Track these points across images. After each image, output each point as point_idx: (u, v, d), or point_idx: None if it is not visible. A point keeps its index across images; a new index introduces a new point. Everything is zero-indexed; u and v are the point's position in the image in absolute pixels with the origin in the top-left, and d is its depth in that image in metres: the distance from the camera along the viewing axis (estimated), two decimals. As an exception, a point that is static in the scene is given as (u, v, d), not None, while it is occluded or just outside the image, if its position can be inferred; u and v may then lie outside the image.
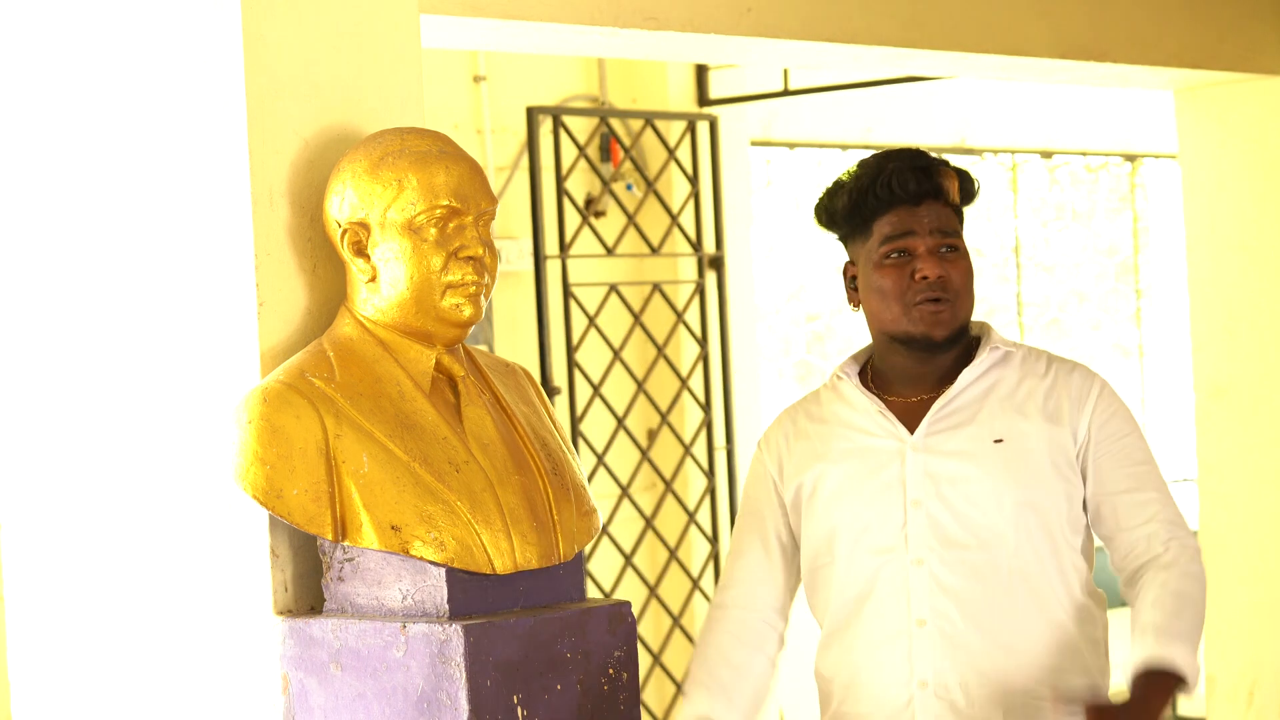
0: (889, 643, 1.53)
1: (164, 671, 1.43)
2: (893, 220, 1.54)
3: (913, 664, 1.52)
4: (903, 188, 1.54)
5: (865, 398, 1.58)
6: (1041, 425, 1.54)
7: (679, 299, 3.41)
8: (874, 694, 1.54)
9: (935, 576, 1.53)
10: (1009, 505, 1.53)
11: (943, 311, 1.52)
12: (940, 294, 1.52)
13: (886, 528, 1.54)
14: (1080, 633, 1.56)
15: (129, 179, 1.45)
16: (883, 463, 1.55)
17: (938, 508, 1.53)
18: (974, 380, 1.56)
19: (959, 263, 1.54)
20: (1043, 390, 1.56)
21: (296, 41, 1.39)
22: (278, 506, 1.31)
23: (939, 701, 1.52)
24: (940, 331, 1.53)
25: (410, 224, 1.35)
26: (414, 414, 1.34)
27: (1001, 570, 1.52)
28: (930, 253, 1.53)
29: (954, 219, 1.56)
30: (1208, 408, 3.23)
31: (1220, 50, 3.02)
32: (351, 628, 1.32)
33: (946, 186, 1.54)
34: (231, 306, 1.39)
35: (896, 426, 1.56)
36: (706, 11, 2.38)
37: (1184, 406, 3.61)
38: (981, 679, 1.52)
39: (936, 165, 1.57)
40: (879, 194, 1.54)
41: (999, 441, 1.53)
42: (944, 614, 1.52)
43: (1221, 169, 3.21)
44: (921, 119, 4.26)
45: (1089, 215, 4.84)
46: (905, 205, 1.54)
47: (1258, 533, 3.18)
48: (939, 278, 1.52)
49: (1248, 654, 3.18)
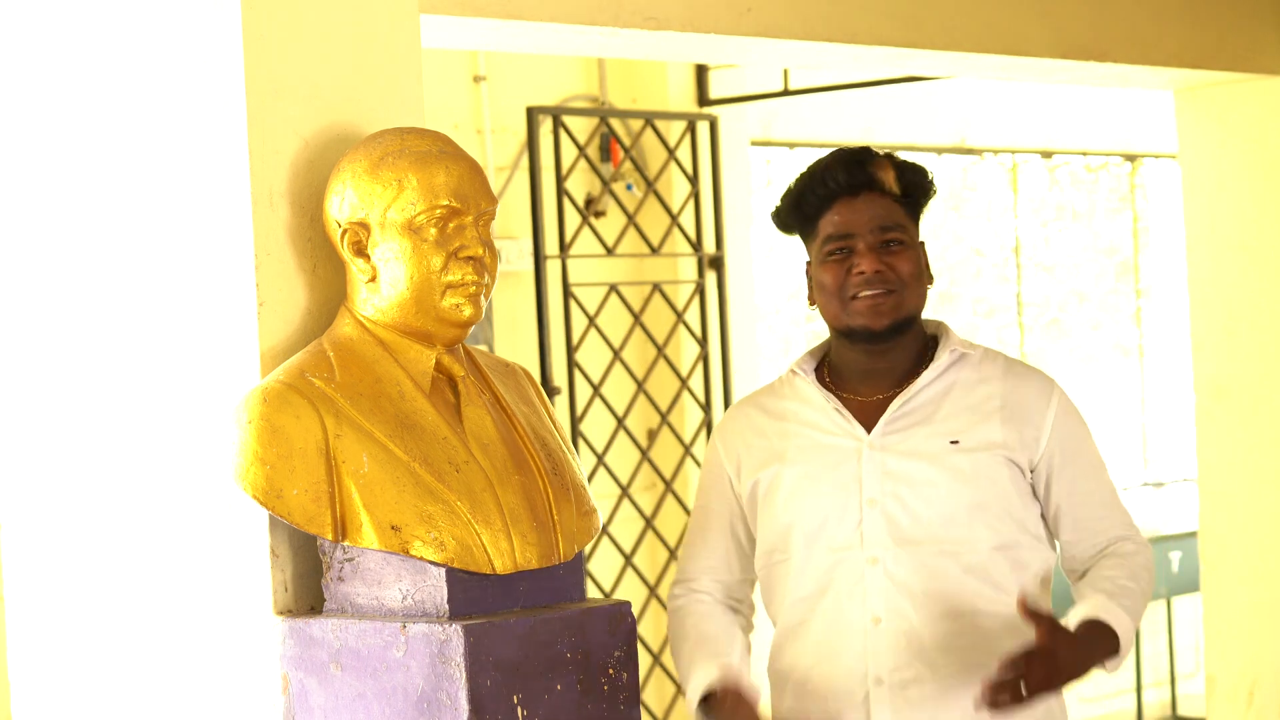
0: (845, 639, 1.54)
1: (164, 671, 1.43)
2: (834, 219, 1.55)
3: (868, 661, 1.52)
4: (835, 180, 1.54)
5: (822, 395, 1.58)
6: (998, 428, 1.55)
7: (679, 299, 3.41)
8: (829, 690, 1.54)
9: (890, 575, 1.54)
10: (963, 505, 1.54)
11: (881, 304, 1.52)
12: (879, 287, 1.52)
13: (842, 525, 1.55)
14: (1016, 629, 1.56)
15: (129, 179, 1.45)
16: (839, 461, 1.56)
17: (894, 506, 1.54)
18: (932, 381, 1.57)
19: (903, 254, 1.54)
20: (1000, 393, 1.57)
21: (296, 42, 1.39)
22: (278, 506, 1.31)
23: (894, 698, 1.52)
24: (879, 321, 1.53)
25: (410, 224, 1.35)
26: (414, 414, 1.34)
27: (956, 569, 1.53)
28: (869, 248, 1.53)
29: (897, 212, 1.55)
30: (1208, 408, 3.23)
31: (1220, 50, 3.02)
32: (351, 628, 1.31)
33: (881, 177, 1.54)
34: (231, 307, 1.38)
35: (853, 425, 1.57)
36: (706, 11, 2.38)
37: (1184, 406, 3.60)
38: (936, 676, 1.53)
39: (872, 157, 1.57)
40: (816, 190, 1.56)
41: (954, 442, 1.54)
42: (900, 612, 1.53)
43: (1221, 169, 3.21)
44: (921, 119, 4.27)
45: (1089, 215, 4.84)
46: (843, 199, 1.55)
47: (1258, 533, 3.18)
48: (876, 272, 1.52)
49: (1248, 654, 3.18)
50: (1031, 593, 1.54)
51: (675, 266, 3.52)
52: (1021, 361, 1.63)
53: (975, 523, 1.55)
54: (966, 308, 4.61)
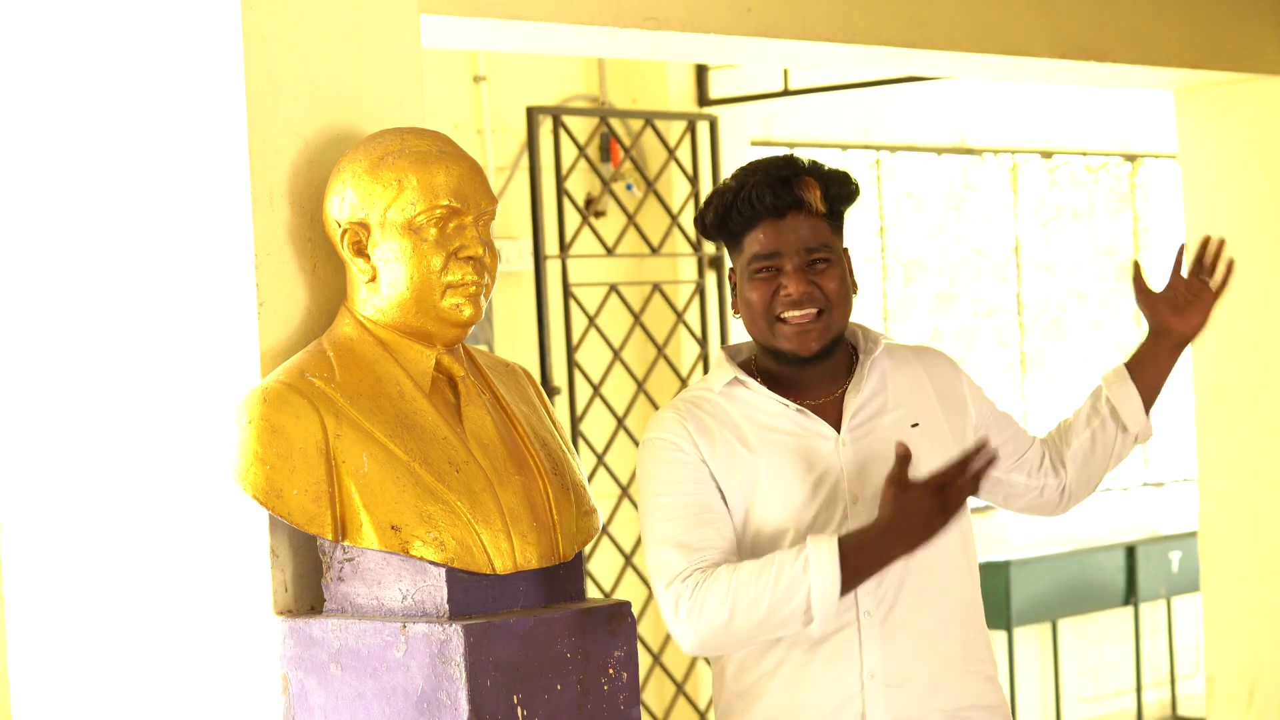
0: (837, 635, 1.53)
1: (164, 671, 1.43)
2: (759, 238, 1.54)
3: (862, 655, 1.53)
4: (761, 202, 1.53)
5: (776, 401, 1.57)
6: (939, 407, 1.59)
7: (679, 299, 3.41)
8: (820, 686, 1.54)
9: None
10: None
11: (810, 330, 1.53)
12: (807, 308, 1.53)
13: (829, 524, 1.54)
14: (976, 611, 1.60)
15: (129, 179, 1.45)
16: (815, 461, 1.55)
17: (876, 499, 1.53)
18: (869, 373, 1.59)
19: (829, 272, 1.54)
20: (922, 373, 1.61)
21: (296, 42, 1.39)
22: (278, 506, 1.31)
23: (887, 690, 1.53)
24: (809, 347, 1.54)
25: (410, 224, 1.35)
26: (414, 414, 1.34)
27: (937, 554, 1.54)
28: (797, 270, 1.52)
29: (823, 229, 1.55)
30: (1208, 408, 3.23)
31: (1220, 50, 3.02)
32: (351, 628, 1.31)
33: (807, 198, 1.54)
34: (232, 306, 1.38)
35: (821, 424, 1.56)
36: (706, 11, 2.38)
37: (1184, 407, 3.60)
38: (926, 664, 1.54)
39: (798, 175, 1.55)
40: (741, 210, 1.54)
41: (915, 426, 1.56)
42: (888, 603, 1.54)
43: (1222, 169, 3.21)
44: (921, 119, 4.27)
45: (1089, 215, 4.84)
46: (769, 219, 1.54)
47: (1258, 533, 3.18)
48: (805, 294, 1.52)
49: (1248, 654, 3.18)
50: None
51: (675, 266, 3.52)
52: (910, 343, 1.69)
53: None
54: (966, 308, 4.61)
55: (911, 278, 4.48)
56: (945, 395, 1.60)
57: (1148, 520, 4.65)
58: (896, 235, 4.43)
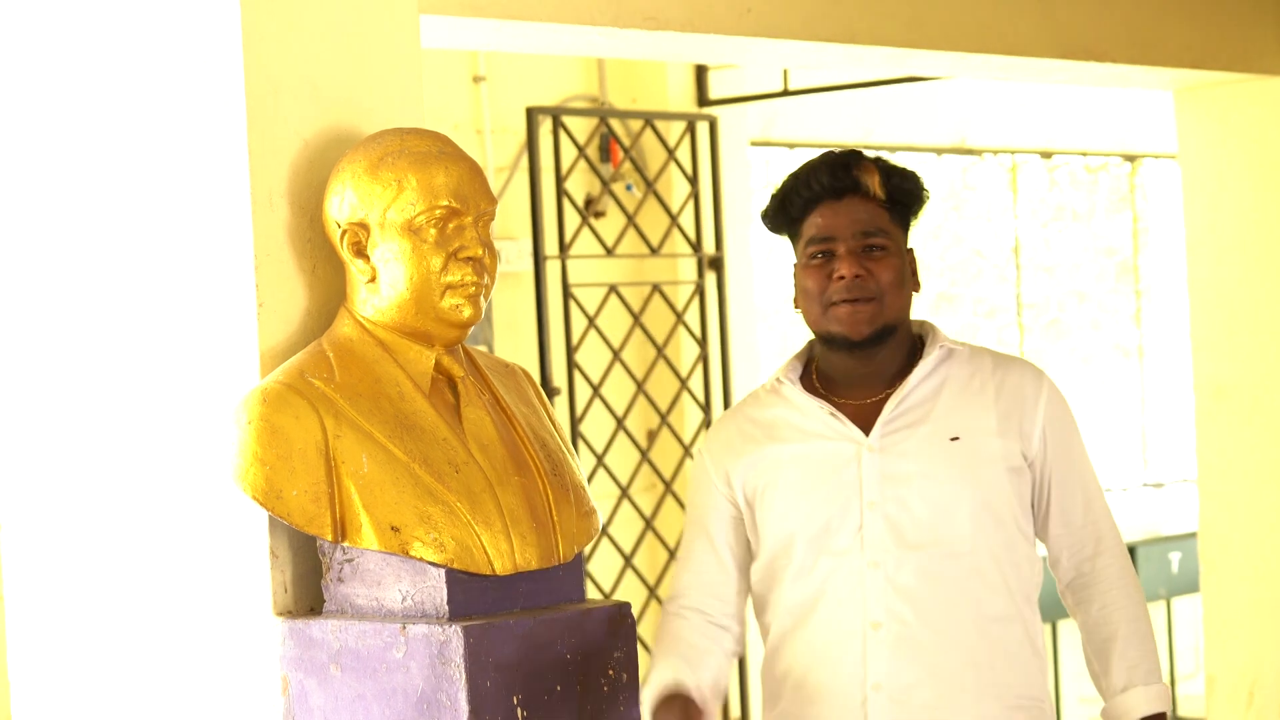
0: (842, 644, 1.53)
1: (164, 672, 1.43)
2: (816, 221, 1.53)
3: (867, 666, 1.51)
4: (819, 182, 1.53)
5: (813, 401, 1.57)
6: (994, 423, 1.55)
7: (679, 299, 3.41)
8: (827, 695, 1.54)
9: (891, 579, 1.53)
10: (966, 506, 1.53)
11: (860, 313, 1.51)
12: (859, 294, 1.51)
13: (843, 530, 1.54)
14: (1024, 633, 1.57)
15: (128, 180, 1.45)
16: (838, 465, 1.55)
17: (896, 509, 1.53)
18: (924, 378, 1.56)
19: (885, 260, 1.52)
20: (992, 387, 1.56)
21: (296, 42, 1.39)
22: (277, 507, 1.30)
23: (893, 704, 1.52)
24: (857, 331, 1.52)
25: (410, 224, 1.34)
26: (414, 415, 1.34)
27: (958, 572, 1.53)
28: (851, 253, 1.51)
29: (882, 216, 1.54)
30: (1208, 408, 3.22)
31: (1220, 50, 3.01)
32: (351, 628, 1.31)
33: (865, 181, 1.53)
34: (231, 307, 1.38)
35: (850, 428, 1.55)
36: (706, 11, 2.38)
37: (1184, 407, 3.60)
38: (935, 681, 1.52)
39: (858, 161, 1.55)
40: (799, 192, 1.54)
41: (955, 440, 1.53)
42: (899, 616, 1.52)
43: (1222, 169, 3.21)
44: (921, 119, 4.27)
45: (1089, 215, 4.84)
46: (826, 202, 1.53)
47: (1258, 533, 3.18)
48: (856, 277, 1.51)
49: (1248, 654, 3.18)
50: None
51: (675, 267, 3.51)
52: (1009, 355, 1.62)
53: (978, 524, 1.54)
54: (966, 308, 4.61)
55: (911, 278, 4.47)
56: (1008, 415, 1.54)
57: (1147, 521, 4.65)
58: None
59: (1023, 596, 1.56)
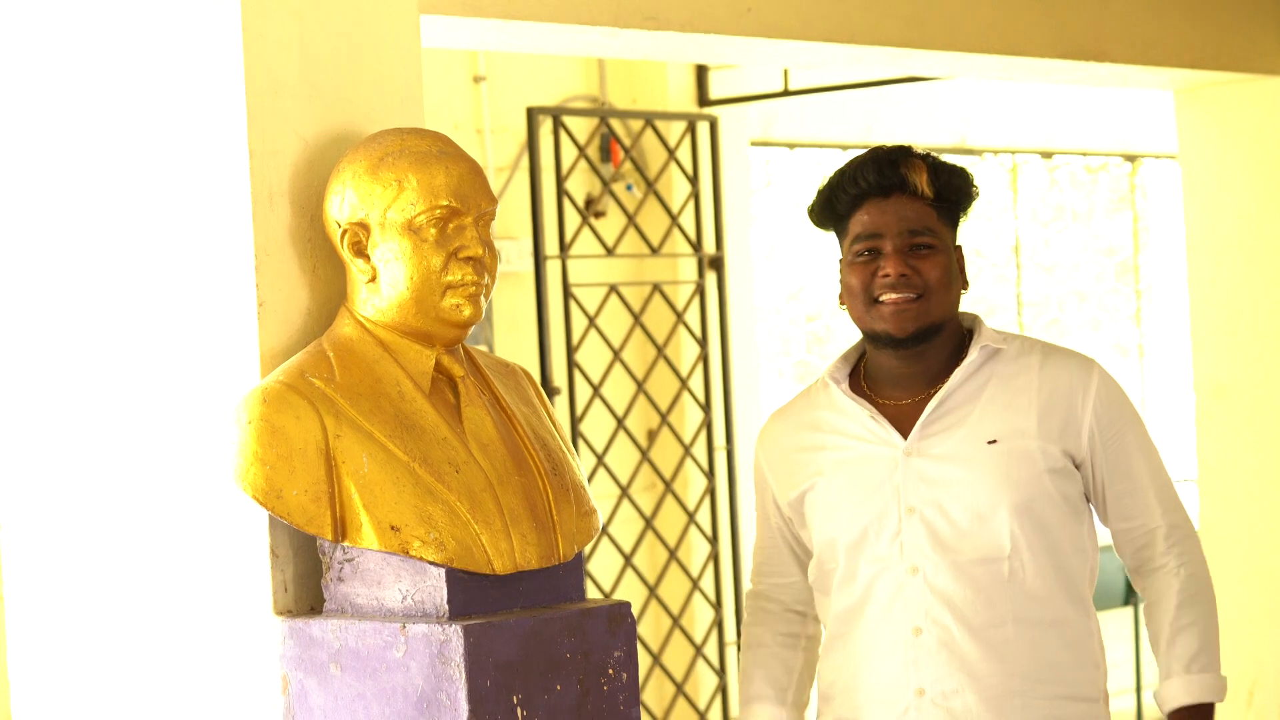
0: (887, 650, 1.52)
1: (164, 672, 1.43)
2: (863, 218, 1.52)
3: (910, 672, 1.51)
4: (865, 179, 1.51)
5: (856, 404, 1.56)
6: (1036, 422, 1.52)
7: (679, 299, 3.41)
8: (872, 700, 1.53)
9: (931, 584, 1.51)
10: (1005, 509, 1.51)
11: (906, 310, 1.49)
12: (904, 291, 1.49)
13: (882, 536, 1.52)
14: (1072, 635, 1.55)
15: (128, 179, 1.45)
16: (877, 470, 1.54)
17: (933, 514, 1.51)
18: (965, 380, 1.53)
19: (932, 258, 1.50)
20: (1036, 384, 1.53)
21: (296, 41, 1.39)
22: (277, 507, 1.31)
23: (936, 709, 1.51)
24: (903, 329, 1.50)
25: (410, 224, 1.34)
26: (414, 414, 1.34)
27: (998, 576, 1.51)
28: (897, 251, 1.50)
29: (929, 215, 1.52)
30: (1208, 408, 3.22)
31: (1220, 50, 3.01)
32: (351, 628, 1.31)
33: (913, 179, 1.51)
34: (231, 307, 1.38)
35: (889, 432, 1.54)
36: (706, 11, 2.38)
37: (1184, 406, 3.60)
38: (978, 686, 1.51)
39: (906, 158, 1.53)
40: (846, 188, 1.53)
41: (993, 443, 1.51)
42: (940, 622, 1.51)
43: (1222, 169, 3.21)
44: (921, 119, 4.26)
45: (1089, 215, 4.84)
46: (873, 199, 1.51)
47: (1258, 533, 3.18)
48: (901, 276, 1.49)
49: (1248, 654, 3.18)
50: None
51: (675, 267, 3.51)
52: (1060, 348, 1.57)
53: (1017, 526, 1.51)
54: (967, 307, 4.59)
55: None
56: (1051, 411, 1.51)
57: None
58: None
59: (1069, 598, 1.53)
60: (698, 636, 3.39)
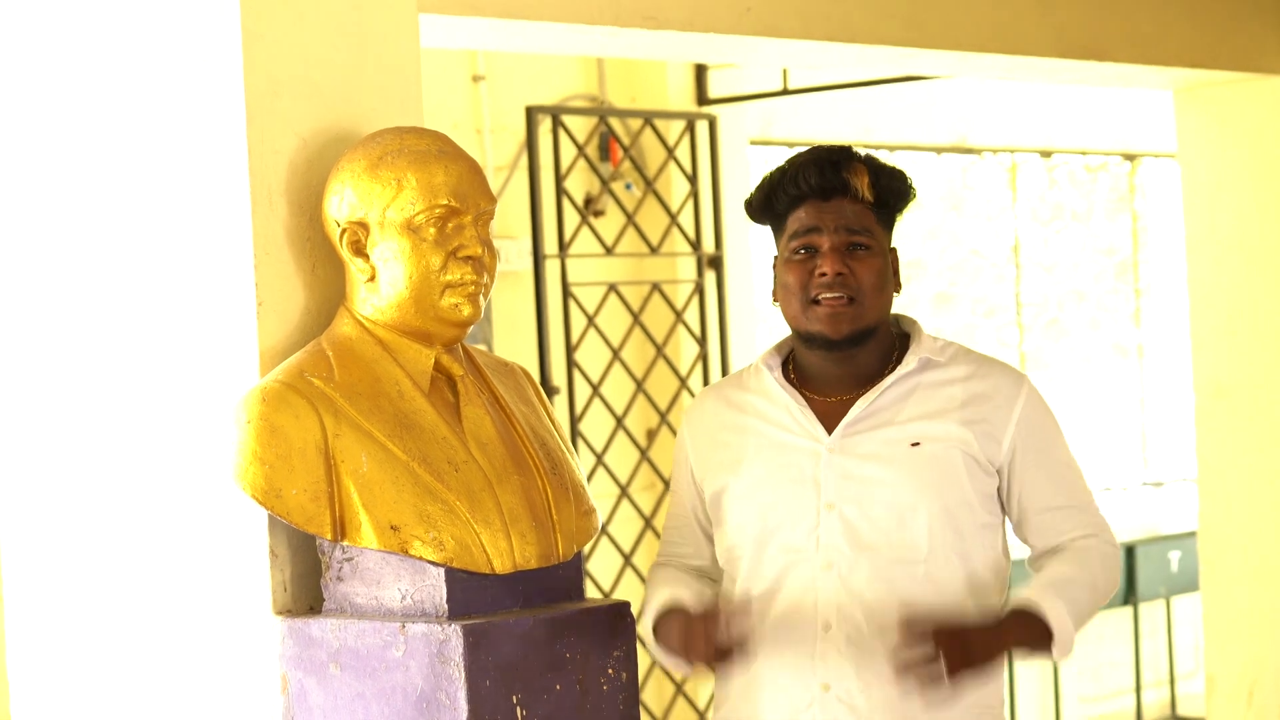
0: (793, 644, 1.51)
1: (163, 671, 1.43)
2: (801, 216, 1.51)
3: (816, 667, 1.50)
4: (807, 182, 1.51)
5: (785, 393, 1.55)
6: (959, 429, 1.52)
7: (678, 298, 3.41)
8: (774, 695, 1.52)
9: (845, 580, 1.51)
10: (924, 512, 1.51)
11: (841, 313, 1.49)
12: (839, 291, 1.49)
13: (798, 529, 1.52)
14: None
15: (127, 179, 1.45)
16: (798, 462, 1.53)
17: (852, 511, 1.51)
18: (894, 384, 1.54)
19: (868, 260, 1.50)
20: (962, 391, 1.53)
21: (295, 41, 1.39)
22: (276, 506, 1.30)
23: (840, 704, 1.50)
24: (837, 331, 1.50)
25: (409, 223, 1.34)
26: (413, 414, 1.34)
27: (913, 576, 1.50)
28: (834, 250, 1.49)
29: (867, 217, 1.52)
30: (1208, 408, 3.22)
31: (1220, 50, 3.01)
32: (350, 627, 1.31)
33: (854, 183, 1.51)
34: (230, 306, 1.38)
35: (815, 426, 1.54)
36: (706, 11, 2.38)
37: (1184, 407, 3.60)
38: (885, 684, 1.49)
39: (847, 160, 1.52)
40: (786, 189, 1.52)
41: (916, 445, 1.51)
42: (850, 618, 1.50)
43: (1221, 169, 3.21)
44: (921, 118, 4.26)
45: (1088, 215, 4.84)
46: (813, 200, 1.51)
47: (1258, 533, 3.18)
48: (838, 275, 1.49)
49: (1248, 654, 3.18)
50: (911, 613, 1.47)
51: (674, 266, 3.51)
52: (993, 360, 1.57)
53: (935, 529, 1.51)
54: (965, 308, 4.60)
55: (910, 278, 4.47)
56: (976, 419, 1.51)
57: (1147, 520, 4.65)
58: (896, 235, 4.42)
59: (981, 605, 1.52)
60: (697, 636, 3.38)
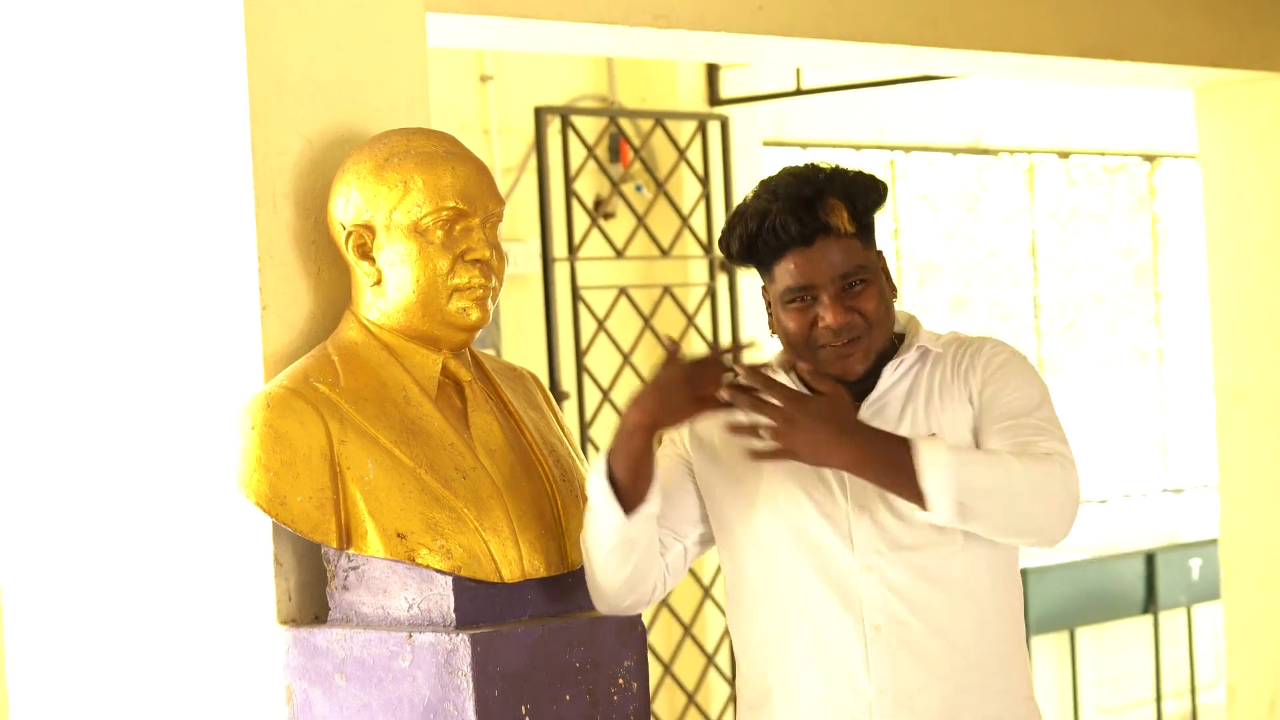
0: (842, 649, 1.49)
1: (167, 681, 1.41)
2: (790, 269, 1.49)
3: (870, 670, 1.48)
4: (786, 232, 1.48)
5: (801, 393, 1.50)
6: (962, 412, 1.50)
7: (690, 302, 3.39)
8: (827, 701, 1.49)
9: (887, 580, 1.49)
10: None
11: (851, 354, 1.49)
12: (846, 337, 1.48)
13: (829, 529, 1.49)
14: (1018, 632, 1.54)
15: (131, 181, 1.44)
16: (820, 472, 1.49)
17: (882, 511, 1.49)
18: (897, 379, 1.52)
19: (867, 291, 1.49)
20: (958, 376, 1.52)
21: (300, 40, 1.38)
22: (281, 514, 1.29)
23: (898, 707, 1.48)
24: (854, 371, 1.49)
25: (416, 226, 1.33)
26: (420, 419, 1.32)
27: (951, 570, 1.49)
28: (834, 300, 1.48)
29: (854, 249, 1.49)
30: (1228, 411, 3.19)
31: (1240, 49, 2.98)
32: (356, 637, 1.30)
33: (834, 222, 1.48)
34: (234, 310, 1.37)
35: None
36: (717, 9, 2.36)
37: (1204, 410, 3.56)
38: (941, 682, 1.48)
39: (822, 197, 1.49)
40: (767, 240, 1.49)
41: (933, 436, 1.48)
42: (899, 619, 1.48)
43: (1242, 169, 3.17)
44: (936, 118, 4.23)
45: (1106, 216, 4.80)
46: (797, 249, 1.48)
47: (1279, 537, 3.14)
48: (843, 324, 1.48)
49: (1269, 663, 3.14)
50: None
51: (686, 269, 3.49)
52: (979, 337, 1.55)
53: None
54: (982, 310, 4.57)
55: (925, 280, 4.45)
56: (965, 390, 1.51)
57: (1167, 527, 4.60)
58: (910, 237, 4.40)
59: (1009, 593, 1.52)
60: (709, 645, 3.36)
